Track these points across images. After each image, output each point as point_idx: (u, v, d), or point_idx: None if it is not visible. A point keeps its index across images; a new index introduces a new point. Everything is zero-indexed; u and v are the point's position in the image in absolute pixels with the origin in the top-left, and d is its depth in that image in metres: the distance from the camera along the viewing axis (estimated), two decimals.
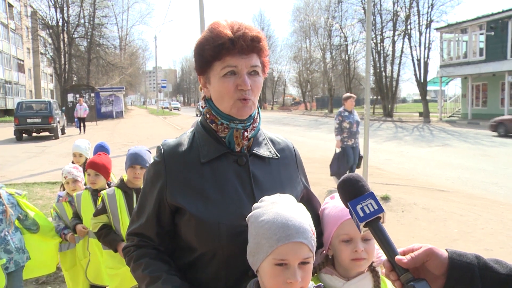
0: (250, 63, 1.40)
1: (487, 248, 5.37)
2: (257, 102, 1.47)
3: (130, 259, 1.48)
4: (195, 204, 1.38)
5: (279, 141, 1.62)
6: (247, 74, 1.40)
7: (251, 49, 1.39)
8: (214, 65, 1.41)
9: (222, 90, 1.40)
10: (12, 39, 49.45)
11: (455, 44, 33.69)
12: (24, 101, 23.76)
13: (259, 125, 1.53)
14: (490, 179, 9.92)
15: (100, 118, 36.20)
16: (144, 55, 73.13)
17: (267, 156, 1.51)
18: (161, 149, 1.47)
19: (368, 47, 7.85)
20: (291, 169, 1.58)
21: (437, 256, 1.06)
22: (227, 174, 1.43)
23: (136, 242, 1.49)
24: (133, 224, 1.52)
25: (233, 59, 1.38)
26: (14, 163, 13.25)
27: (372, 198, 1.17)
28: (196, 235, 1.38)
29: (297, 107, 66.92)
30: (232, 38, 1.36)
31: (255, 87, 1.42)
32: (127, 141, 18.29)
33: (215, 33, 1.39)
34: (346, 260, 1.49)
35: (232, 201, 1.40)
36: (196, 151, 1.45)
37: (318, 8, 53.42)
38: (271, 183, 1.49)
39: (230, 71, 1.39)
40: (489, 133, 20.50)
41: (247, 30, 1.39)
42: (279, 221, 1.22)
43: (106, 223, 3.18)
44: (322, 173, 9.85)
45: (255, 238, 1.25)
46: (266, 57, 1.49)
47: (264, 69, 1.48)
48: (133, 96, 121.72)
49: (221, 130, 1.45)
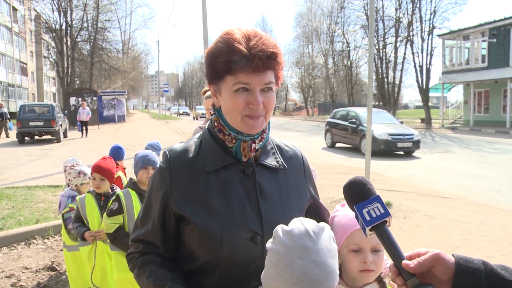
0: (264, 80, 1.34)
1: (489, 255, 5.35)
2: (269, 117, 1.43)
3: (134, 266, 1.46)
4: (199, 214, 1.36)
5: (288, 149, 1.58)
6: (259, 91, 1.35)
7: (266, 67, 1.33)
8: (226, 78, 1.35)
9: (232, 105, 1.36)
10: (16, 43, 49.64)
11: (457, 51, 33.73)
12: (26, 104, 23.83)
13: (267, 135, 1.49)
14: (492, 186, 9.90)
15: (102, 122, 36.23)
16: (147, 59, 73.44)
17: (274, 167, 1.48)
18: (167, 155, 1.44)
19: (370, 53, 7.86)
20: (298, 178, 1.55)
21: (444, 262, 1.06)
22: (232, 184, 1.40)
23: (141, 249, 1.46)
24: (137, 230, 1.49)
25: (247, 77, 1.32)
26: (16, 166, 13.26)
27: (379, 201, 1.16)
28: (199, 245, 1.37)
29: (299, 113, 66.90)
30: (248, 55, 1.29)
31: (268, 103, 1.37)
32: (130, 145, 18.27)
33: (229, 45, 1.32)
34: (355, 271, 1.46)
35: (237, 212, 1.37)
36: (202, 159, 1.42)
37: (321, 14, 53.66)
38: (278, 194, 1.45)
39: (242, 88, 1.33)
40: (491, 139, 20.47)
41: (264, 46, 1.31)
42: (304, 286, 1.15)
43: (121, 224, 3.17)
44: (324, 179, 9.83)
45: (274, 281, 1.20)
46: (281, 70, 1.43)
47: (277, 81, 1.42)
48: (135, 100, 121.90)
49: (228, 140, 1.42)
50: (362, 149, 15.65)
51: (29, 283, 4.66)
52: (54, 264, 5.03)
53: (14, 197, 8.18)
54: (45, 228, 6.12)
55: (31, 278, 4.77)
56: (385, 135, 15.34)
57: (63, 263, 5.06)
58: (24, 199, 8.07)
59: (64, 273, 4.82)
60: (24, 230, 6.06)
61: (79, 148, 17.71)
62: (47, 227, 6.15)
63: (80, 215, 3.60)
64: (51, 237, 6.04)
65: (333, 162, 14.13)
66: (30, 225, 6.32)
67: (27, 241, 5.87)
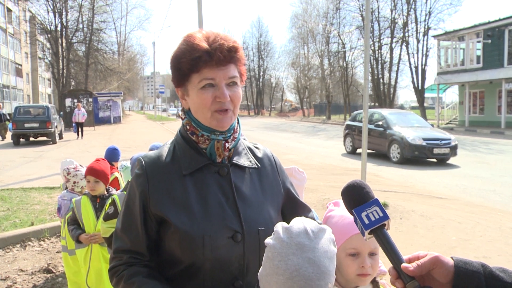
0: (228, 74, 1.39)
1: (485, 255, 5.37)
2: (237, 112, 1.47)
3: (120, 279, 1.39)
4: (179, 216, 1.36)
5: (258, 150, 1.61)
6: (225, 86, 1.39)
7: (228, 60, 1.38)
8: (192, 77, 1.40)
9: (200, 102, 1.39)
10: (11, 44, 49.43)
11: (452, 52, 33.88)
12: (22, 106, 23.71)
13: (239, 135, 1.52)
14: (488, 187, 9.94)
15: (98, 123, 36.14)
16: (142, 60, 73.25)
17: (247, 166, 1.51)
18: (142, 162, 1.45)
19: (366, 54, 7.87)
20: (272, 177, 1.57)
21: (443, 264, 1.06)
22: (209, 186, 1.42)
23: (125, 260, 1.41)
24: (118, 241, 1.44)
25: (211, 72, 1.37)
26: (11, 167, 13.21)
27: (377, 205, 1.16)
28: (180, 247, 1.36)
29: (295, 114, 66.95)
30: (209, 50, 1.35)
31: (235, 97, 1.41)
32: (125, 146, 18.23)
33: (190, 45, 1.38)
34: (352, 274, 1.47)
35: (216, 212, 1.38)
36: (177, 163, 1.44)
37: (316, 15, 53.60)
38: (253, 192, 1.48)
39: (208, 84, 1.38)
40: (486, 140, 20.56)
41: (223, 41, 1.38)
42: (296, 281, 1.15)
43: None
44: (320, 180, 9.85)
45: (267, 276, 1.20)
46: (243, 66, 1.48)
47: (241, 77, 1.47)
48: (131, 102, 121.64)
49: (202, 142, 1.44)
50: (391, 155, 14.21)
51: (24, 285, 4.64)
52: (50, 267, 5.01)
53: (9, 199, 8.14)
54: (41, 230, 6.10)
55: (26, 281, 4.75)
56: (419, 139, 13.49)
57: (59, 265, 5.04)
58: (19, 201, 8.03)
59: (60, 275, 4.81)
60: (20, 232, 6.03)
61: (74, 150, 17.65)
62: (42, 229, 6.12)
63: (76, 218, 3.59)
64: (47, 239, 6.02)
65: (329, 163, 14.14)
66: (26, 227, 6.30)
67: (22, 243, 5.84)
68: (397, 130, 14.28)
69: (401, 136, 13.83)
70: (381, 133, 14.93)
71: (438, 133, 14.61)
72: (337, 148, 18.64)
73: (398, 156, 13.88)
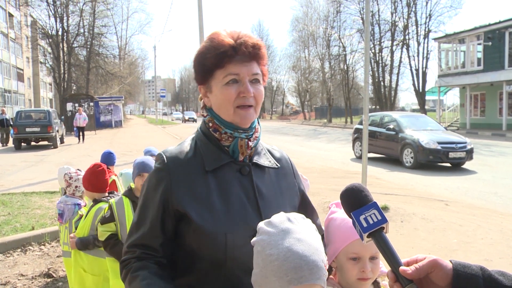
0: (251, 71, 1.41)
1: (487, 258, 5.35)
2: (259, 110, 1.48)
3: (128, 271, 1.38)
4: (201, 213, 1.36)
5: (276, 152, 1.63)
6: (249, 82, 1.41)
7: (252, 57, 1.41)
8: (216, 73, 1.42)
9: (224, 97, 1.41)
10: (12, 48, 49.63)
11: (453, 54, 33.87)
12: (23, 110, 23.77)
13: (260, 135, 1.53)
14: (489, 189, 9.92)
15: (99, 127, 36.16)
16: (143, 64, 73.50)
17: (267, 166, 1.52)
18: (163, 156, 1.44)
19: (366, 57, 7.88)
20: (289, 178, 1.59)
21: (442, 267, 1.05)
22: (231, 184, 1.42)
23: (138, 254, 1.40)
24: (133, 235, 1.44)
25: (235, 67, 1.39)
26: (12, 172, 13.22)
27: (376, 208, 1.16)
28: (202, 245, 1.36)
29: (296, 117, 67.00)
30: (234, 45, 1.38)
31: (258, 94, 1.43)
32: (126, 150, 18.26)
33: (216, 42, 1.41)
34: (352, 278, 1.47)
35: (238, 211, 1.39)
36: (199, 159, 1.43)
37: (317, 18, 53.73)
38: (273, 192, 1.49)
39: (232, 79, 1.40)
40: (487, 142, 20.54)
41: (248, 38, 1.42)
42: (291, 260, 1.14)
43: (114, 232, 3.16)
44: (321, 183, 9.84)
45: (262, 270, 1.19)
46: (265, 66, 1.50)
47: (263, 77, 1.49)
48: (132, 105, 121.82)
49: (224, 139, 1.44)
50: (404, 160, 13.68)
51: None
52: (50, 271, 5.00)
53: (10, 204, 8.14)
54: (42, 235, 6.09)
55: (27, 285, 4.74)
56: (433, 143, 12.93)
57: (59, 269, 5.04)
58: (20, 205, 8.04)
59: (61, 279, 4.81)
60: (20, 236, 6.03)
61: (76, 154, 17.66)
62: (43, 233, 6.12)
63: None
64: (48, 243, 6.01)
65: (330, 166, 14.12)
66: (26, 231, 6.29)
67: (23, 248, 5.84)
68: (409, 134, 13.74)
69: (415, 140, 13.30)
70: (393, 136, 14.36)
71: (453, 136, 14.04)
72: (338, 151, 18.63)
73: (412, 160, 13.36)
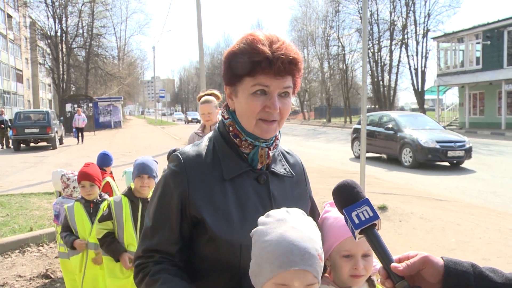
0: (283, 84, 1.34)
1: (484, 257, 5.36)
2: (283, 124, 1.42)
3: (145, 275, 1.34)
4: (217, 221, 1.33)
5: (290, 156, 1.59)
6: (277, 96, 1.34)
7: (287, 72, 1.33)
8: (245, 79, 1.34)
9: (248, 108, 1.35)
10: (11, 50, 49.58)
11: (452, 53, 33.90)
12: (22, 111, 23.78)
13: (279, 142, 1.50)
14: (488, 188, 9.92)
15: (98, 128, 36.15)
16: (143, 65, 73.36)
17: (283, 174, 1.49)
18: (181, 159, 1.39)
19: (364, 56, 7.88)
20: (302, 186, 1.57)
21: (433, 264, 1.06)
22: (248, 193, 1.39)
23: (156, 259, 1.36)
24: (147, 240, 1.39)
25: (267, 79, 1.31)
26: (11, 173, 13.21)
27: (368, 205, 1.16)
28: (216, 253, 1.33)
29: (295, 117, 66.97)
30: (270, 57, 1.29)
31: (284, 109, 1.37)
32: (126, 151, 18.26)
33: (252, 46, 1.31)
34: (345, 275, 1.48)
35: (253, 221, 1.33)
36: (218, 165, 1.39)
37: (316, 18, 53.74)
38: (288, 202, 1.44)
39: (260, 90, 1.33)
40: (486, 141, 20.55)
41: (287, 51, 1.31)
42: (283, 245, 1.15)
43: (111, 231, 3.17)
44: (320, 183, 9.82)
45: (257, 258, 1.20)
46: (300, 78, 1.42)
47: (295, 88, 1.42)
48: (132, 106, 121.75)
49: (244, 146, 1.41)
50: (403, 159, 13.71)
51: None
52: (48, 272, 5.00)
53: (8, 205, 8.14)
54: (40, 236, 6.09)
55: (25, 286, 4.74)
56: (432, 142, 12.96)
57: (57, 270, 5.03)
58: (19, 206, 8.03)
59: (59, 280, 4.80)
60: (19, 238, 6.02)
61: (75, 155, 17.65)
62: (41, 234, 6.12)
63: (68, 224, 3.56)
64: (46, 244, 6.00)
65: (329, 165, 14.13)
66: (25, 232, 6.29)
67: (21, 249, 5.83)
68: (408, 133, 13.77)
69: (413, 139, 13.32)
70: (391, 136, 14.41)
71: (452, 135, 14.03)
72: (337, 151, 18.63)
73: (411, 160, 13.39)
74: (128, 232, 3.12)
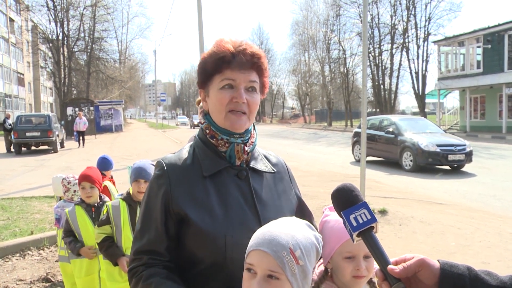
0: (249, 78, 1.44)
1: (484, 261, 5.35)
2: (253, 118, 1.51)
3: (138, 280, 1.39)
4: (200, 216, 1.38)
5: (272, 157, 1.67)
6: (244, 89, 1.44)
7: (250, 65, 1.44)
8: (214, 78, 1.45)
9: (217, 101, 1.44)
10: (13, 53, 49.72)
11: (452, 57, 33.93)
12: (23, 115, 23.77)
13: (256, 140, 1.57)
14: (488, 192, 9.92)
15: (99, 131, 36.21)
16: (144, 68, 73.69)
17: (264, 171, 1.55)
18: (163, 163, 1.47)
19: (364, 60, 7.90)
20: (285, 183, 1.63)
21: (429, 267, 1.07)
22: (229, 188, 1.45)
23: (145, 261, 1.41)
24: (138, 242, 1.45)
25: (232, 73, 1.42)
26: (12, 176, 13.23)
27: (365, 208, 1.18)
28: (201, 247, 1.38)
29: (296, 120, 67.02)
30: (233, 52, 1.42)
31: (252, 102, 1.46)
32: (126, 154, 18.28)
33: (218, 47, 1.45)
34: (347, 276, 1.51)
35: (236, 214, 1.41)
36: (197, 165, 1.47)
37: (317, 22, 53.82)
38: (270, 195, 1.52)
39: (228, 84, 1.43)
40: (487, 145, 20.54)
41: (248, 46, 1.45)
42: (261, 230, 1.24)
43: (109, 235, 3.18)
44: (320, 186, 9.83)
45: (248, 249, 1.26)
46: (266, 78, 1.53)
47: (263, 89, 1.52)
48: (133, 110, 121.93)
49: (221, 145, 1.48)
50: (403, 163, 13.72)
51: None
52: (49, 276, 5.00)
53: (9, 208, 8.15)
54: (40, 239, 6.09)
55: None
56: (433, 146, 12.97)
57: (58, 274, 5.04)
58: (19, 210, 8.04)
59: (59, 284, 4.80)
60: (19, 241, 6.02)
61: (76, 158, 17.67)
62: (42, 238, 6.12)
63: (71, 228, 3.55)
64: (46, 248, 6.01)
65: (329, 169, 14.13)
66: (25, 236, 6.30)
67: (22, 253, 5.83)
68: (408, 137, 13.80)
69: (414, 143, 13.34)
70: (392, 140, 14.40)
71: (452, 138, 14.02)
72: (338, 154, 18.63)
73: (411, 163, 13.40)
74: (126, 236, 3.13)
